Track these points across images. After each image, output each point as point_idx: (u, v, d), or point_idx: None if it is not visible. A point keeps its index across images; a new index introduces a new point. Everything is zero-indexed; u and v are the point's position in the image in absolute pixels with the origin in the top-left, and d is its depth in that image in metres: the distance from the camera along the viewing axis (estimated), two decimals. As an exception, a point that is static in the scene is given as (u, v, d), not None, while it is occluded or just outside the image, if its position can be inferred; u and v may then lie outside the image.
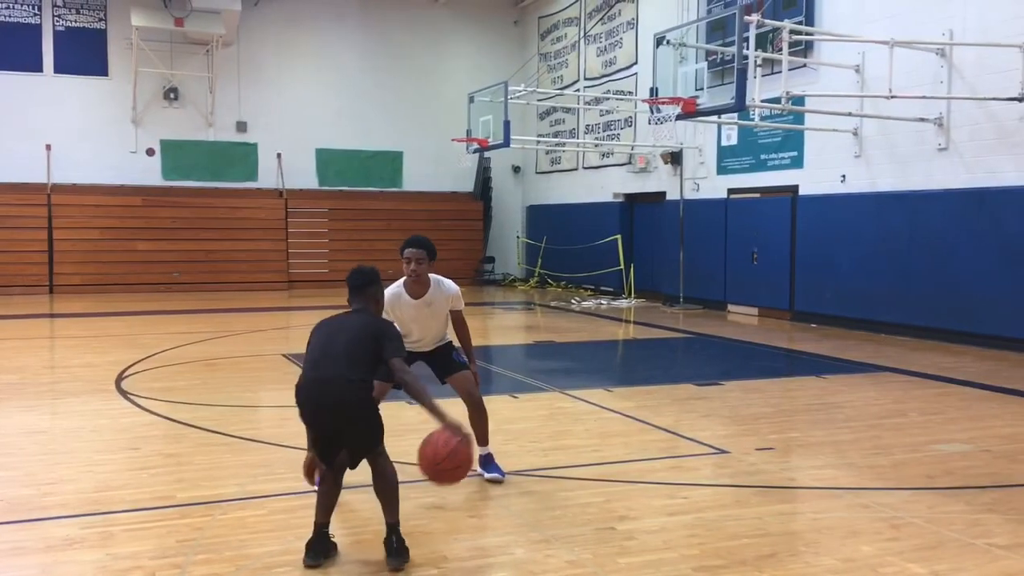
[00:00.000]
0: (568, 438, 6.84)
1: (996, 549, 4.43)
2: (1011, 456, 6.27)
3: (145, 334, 12.94)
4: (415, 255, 5.27)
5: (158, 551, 4.37)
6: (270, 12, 21.73)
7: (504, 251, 24.22)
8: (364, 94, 22.58)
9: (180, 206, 20.75)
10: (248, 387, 9.13)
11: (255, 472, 5.73)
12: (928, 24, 12.25)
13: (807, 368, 10.44)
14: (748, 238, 15.85)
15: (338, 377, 4.17)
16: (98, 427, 7.09)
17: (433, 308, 5.42)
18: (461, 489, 5.39)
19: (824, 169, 14.24)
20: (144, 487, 5.44)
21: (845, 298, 13.75)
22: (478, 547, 4.47)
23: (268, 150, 21.98)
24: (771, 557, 4.32)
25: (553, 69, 22.63)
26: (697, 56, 15.22)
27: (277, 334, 13.62)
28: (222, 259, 20.90)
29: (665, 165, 18.07)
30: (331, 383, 4.18)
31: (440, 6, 23.11)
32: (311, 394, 4.23)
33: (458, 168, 20.46)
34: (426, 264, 5.29)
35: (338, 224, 21.98)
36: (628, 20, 19.45)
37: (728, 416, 7.56)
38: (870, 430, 7.04)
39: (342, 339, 4.30)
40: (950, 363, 10.43)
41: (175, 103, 21.22)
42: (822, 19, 14.14)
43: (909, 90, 11.79)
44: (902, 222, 12.79)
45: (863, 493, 5.37)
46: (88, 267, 19.89)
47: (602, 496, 5.27)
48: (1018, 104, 10.98)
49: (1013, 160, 11.33)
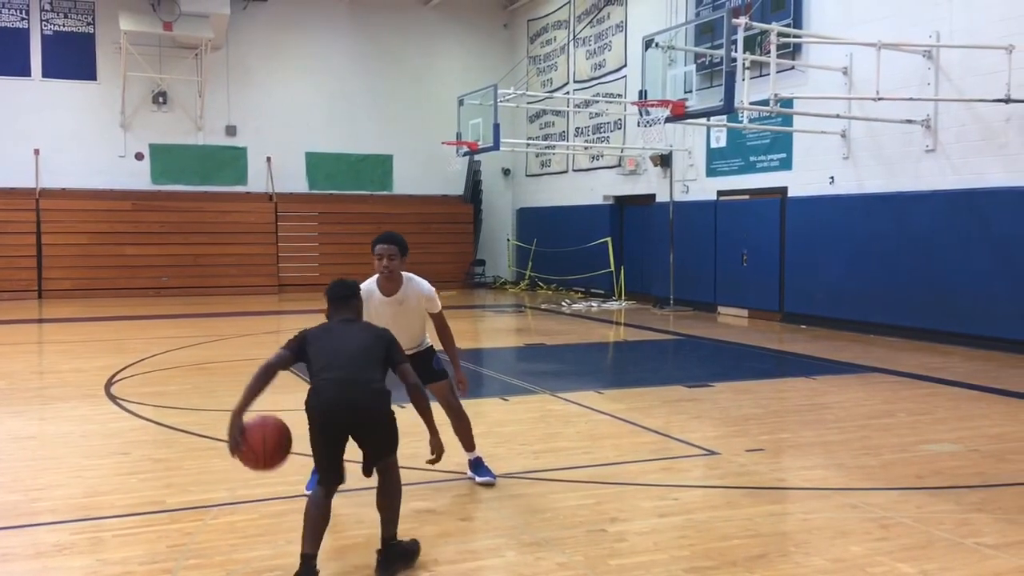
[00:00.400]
0: (559, 440, 6.85)
1: (985, 548, 4.45)
2: (999, 456, 6.30)
3: (134, 339, 12.89)
4: (387, 251, 5.15)
5: (148, 556, 4.36)
6: (259, 15, 21.71)
7: (494, 254, 24.23)
8: (353, 97, 22.57)
9: (169, 210, 20.70)
10: (238, 391, 9.03)
11: (245, 476, 5.69)
12: (915, 26, 12.32)
13: (797, 369, 10.48)
14: (738, 240, 15.90)
15: (364, 380, 4.12)
16: (87, 432, 7.07)
17: (405, 307, 5.28)
18: (451, 492, 5.40)
19: (812, 171, 14.30)
20: (134, 492, 5.42)
21: (834, 299, 13.80)
22: (469, 550, 4.47)
23: (257, 154, 21.95)
24: (761, 558, 4.33)
25: (542, 72, 22.66)
26: (686, 59, 15.27)
27: (267, 338, 13.58)
28: (212, 263, 20.84)
29: (655, 167, 18.12)
30: (357, 384, 4.11)
31: (429, 9, 23.12)
32: (335, 394, 4.09)
33: (448, 171, 20.47)
34: (398, 260, 5.18)
35: (328, 228, 21.96)
36: (617, 23, 19.49)
37: (718, 417, 7.58)
38: (859, 430, 7.07)
39: (354, 344, 4.23)
40: (938, 363, 10.48)
41: (164, 107, 21.17)
42: (810, 22, 14.21)
43: (896, 92, 11.85)
44: (890, 223, 12.85)
45: (852, 493, 5.39)
46: (77, 272, 19.82)
47: (593, 498, 5.28)
48: (1004, 106, 11.05)
49: (1000, 161, 11.40)
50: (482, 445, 5.74)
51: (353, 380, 4.12)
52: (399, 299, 5.27)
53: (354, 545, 4.53)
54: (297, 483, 5.43)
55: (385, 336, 4.36)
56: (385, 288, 5.27)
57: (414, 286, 5.30)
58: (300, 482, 5.41)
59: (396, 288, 5.27)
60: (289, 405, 8.26)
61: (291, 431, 4.24)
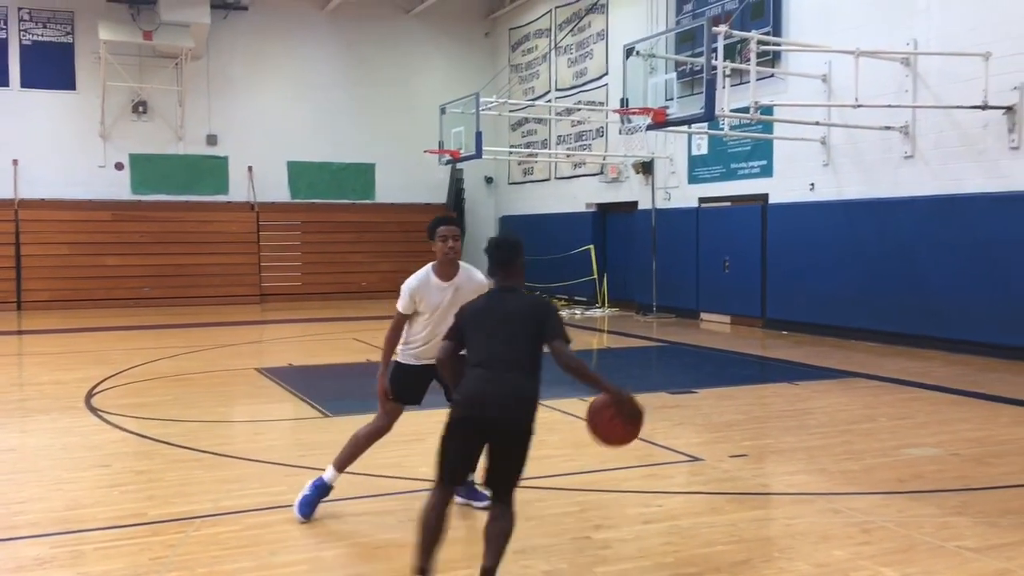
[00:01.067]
0: (542, 448, 6.82)
1: (966, 552, 4.48)
2: (979, 459, 6.35)
3: (115, 350, 12.80)
4: (452, 232, 5.00)
5: (130, 569, 4.32)
6: (240, 25, 21.65)
7: (477, 262, 24.10)
8: (335, 106, 22.53)
9: (150, 220, 20.57)
10: (221, 402, 9.06)
11: (228, 488, 5.69)
12: (893, 34, 12.44)
13: (779, 375, 10.52)
14: (720, 247, 15.97)
15: (510, 380, 3.80)
16: (68, 445, 7.01)
17: (459, 295, 5.03)
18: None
19: (793, 178, 14.39)
20: (115, 505, 5.38)
21: (815, 305, 13.88)
22: (453, 559, 4.46)
23: (239, 163, 21.85)
24: (745, 563, 4.35)
25: (524, 80, 22.71)
26: (667, 67, 15.33)
27: (249, 348, 13.52)
28: (193, 273, 20.71)
29: (637, 175, 18.19)
30: (504, 384, 3.79)
31: (411, 18, 23.13)
32: (477, 390, 3.78)
33: (431, 180, 20.47)
34: (460, 243, 5.09)
35: (310, 237, 21.89)
36: (598, 31, 19.57)
37: (702, 424, 7.60)
38: (841, 435, 7.11)
39: (506, 330, 3.88)
40: (919, 368, 10.55)
41: (144, 117, 21.06)
42: (789, 30, 14.32)
43: (875, 99, 11.96)
44: (870, 229, 12.94)
45: (835, 498, 5.41)
46: (57, 283, 19.65)
47: (577, 505, 5.28)
48: (981, 112, 11.17)
49: (977, 167, 11.51)
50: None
51: (499, 379, 3.79)
52: (456, 285, 5.08)
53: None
54: (279, 494, 5.41)
55: (541, 306, 3.99)
56: (443, 272, 5.07)
57: (471, 274, 5.13)
58: (283, 493, 5.39)
59: (454, 273, 5.08)
60: (261, 418, 8.14)
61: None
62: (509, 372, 3.84)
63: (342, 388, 10.02)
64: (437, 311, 5.01)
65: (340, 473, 5.13)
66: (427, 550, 3.73)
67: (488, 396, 3.79)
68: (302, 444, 7.14)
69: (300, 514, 4.96)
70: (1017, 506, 5.27)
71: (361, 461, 5.20)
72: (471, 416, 3.80)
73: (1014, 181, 11.05)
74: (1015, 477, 5.91)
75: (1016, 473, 6.01)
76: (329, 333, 15.03)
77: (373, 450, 5.22)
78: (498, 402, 3.78)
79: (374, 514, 5.13)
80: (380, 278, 21.57)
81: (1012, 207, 11.01)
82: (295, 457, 6.47)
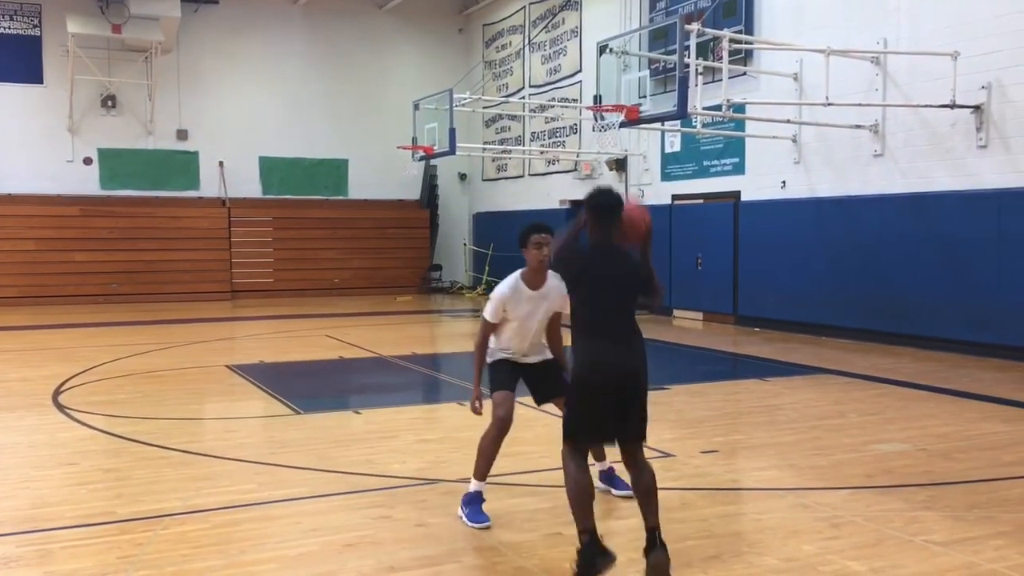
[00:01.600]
0: (517, 444, 6.82)
1: (933, 546, 4.54)
2: (947, 454, 6.43)
3: (83, 347, 12.65)
4: (547, 240, 4.83)
5: (98, 568, 4.27)
6: (211, 18, 21.44)
7: (451, 259, 24.16)
8: (308, 101, 22.39)
9: (119, 216, 20.33)
10: (190, 399, 8.97)
11: (198, 485, 5.64)
12: (863, 33, 12.56)
13: (750, 371, 10.60)
14: (692, 244, 16.05)
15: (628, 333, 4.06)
16: (35, 442, 6.91)
17: (547, 303, 5.02)
18: (407, 498, 5.38)
19: (765, 175, 14.49)
20: (83, 503, 5.31)
21: (786, 302, 13.99)
22: (426, 555, 4.45)
23: (210, 158, 21.66)
24: (716, 558, 4.37)
25: (498, 77, 22.69)
26: (640, 64, 15.37)
27: (220, 345, 13.41)
28: (163, 269, 20.50)
29: (610, 172, 18.23)
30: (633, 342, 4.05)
31: (385, 13, 23.03)
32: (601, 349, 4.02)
33: (404, 176, 20.36)
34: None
35: (282, 233, 21.74)
36: (572, 28, 19.59)
37: (674, 420, 7.64)
38: (811, 431, 7.17)
39: (619, 287, 4.09)
40: (888, 364, 10.67)
41: (113, 111, 20.82)
42: (761, 28, 14.41)
43: (845, 98, 12.05)
44: (840, 227, 13.06)
45: (804, 493, 5.46)
46: (24, 279, 19.38)
47: (550, 502, 5.29)
48: (950, 111, 11.30)
49: (945, 166, 11.65)
50: (439, 451, 5.73)
51: (621, 336, 4.04)
52: (543, 293, 5.02)
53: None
54: (249, 492, 5.38)
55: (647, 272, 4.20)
56: (533, 281, 4.99)
57: (555, 281, 4.93)
58: (252, 491, 5.36)
59: (543, 282, 4.99)
60: (231, 415, 8.10)
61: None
62: (633, 333, 4.10)
63: (313, 385, 9.97)
64: (524, 320, 4.99)
65: (483, 482, 5.04)
66: (589, 509, 4.00)
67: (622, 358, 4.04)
68: (273, 441, 7.09)
69: (477, 522, 4.83)
70: (983, 500, 5.34)
71: (330, 459, 5.18)
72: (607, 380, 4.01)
73: (981, 180, 11.20)
74: (981, 472, 5.99)
75: (982, 468, 6.09)
76: (301, 330, 14.95)
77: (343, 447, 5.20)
78: (630, 364, 4.05)
79: (344, 511, 5.11)
80: (352, 274, 21.51)
81: (979, 205, 11.15)
82: (265, 455, 6.42)
